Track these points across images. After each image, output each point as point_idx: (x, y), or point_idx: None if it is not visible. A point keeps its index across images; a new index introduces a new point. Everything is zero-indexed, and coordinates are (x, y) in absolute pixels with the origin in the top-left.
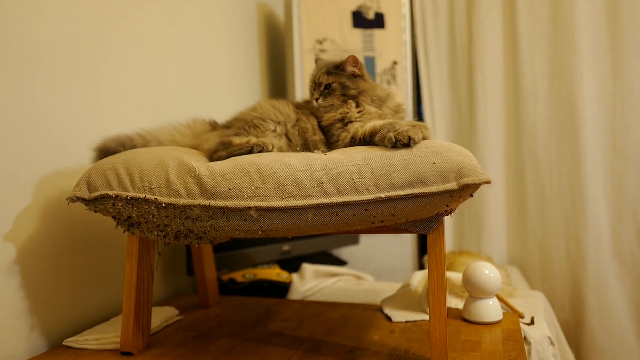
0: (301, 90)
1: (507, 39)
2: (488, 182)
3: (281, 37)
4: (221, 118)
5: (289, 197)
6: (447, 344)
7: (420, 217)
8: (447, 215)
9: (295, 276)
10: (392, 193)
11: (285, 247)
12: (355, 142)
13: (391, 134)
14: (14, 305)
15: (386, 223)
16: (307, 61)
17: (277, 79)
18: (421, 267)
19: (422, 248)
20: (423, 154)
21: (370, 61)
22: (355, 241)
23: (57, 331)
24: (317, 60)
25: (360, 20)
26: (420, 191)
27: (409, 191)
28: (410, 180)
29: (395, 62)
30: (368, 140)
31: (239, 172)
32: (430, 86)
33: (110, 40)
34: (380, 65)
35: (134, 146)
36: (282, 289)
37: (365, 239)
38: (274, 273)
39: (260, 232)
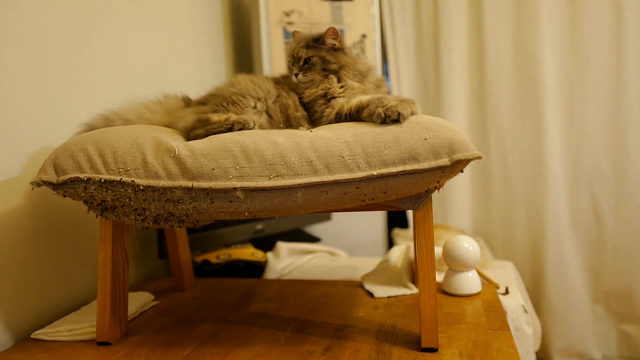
0: (269, 64)
1: (472, 14)
2: (479, 158)
3: (245, 9)
4: (185, 93)
5: (276, 176)
6: (437, 318)
7: (410, 193)
8: (436, 190)
9: (270, 255)
10: (384, 170)
11: (259, 226)
12: (340, 118)
13: (380, 110)
14: None
15: (377, 201)
16: (274, 34)
17: (242, 52)
18: (390, 240)
19: (391, 223)
20: (414, 129)
21: None
22: (327, 218)
23: (23, 324)
24: (294, 33)
25: None
26: (412, 168)
27: (401, 168)
28: (402, 157)
29: (364, 36)
30: (354, 116)
31: (222, 152)
32: (397, 61)
33: (73, 13)
34: (349, 39)
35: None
36: (258, 268)
37: (337, 215)
38: (249, 253)
39: (246, 214)
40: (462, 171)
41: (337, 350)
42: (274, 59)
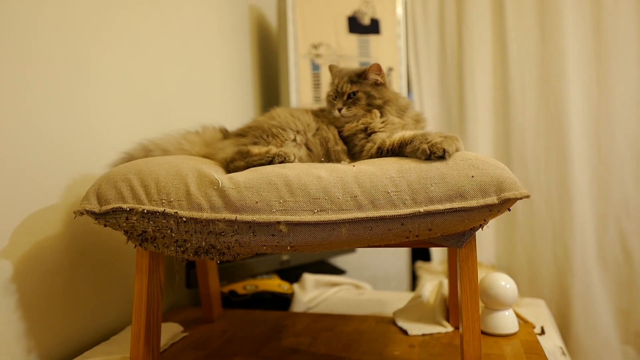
0: (296, 95)
1: (496, 48)
2: (528, 197)
3: (273, 41)
4: (214, 123)
5: (320, 211)
6: None
7: (455, 231)
8: (480, 228)
9: (296, 287)
10: (431, 207)
11: (285, 257)
12: (382, 153)
13: (425, 146)
14: (10, 327)
15: (421, 238)
16: (302, 66)
17: (270, 84)
18: (413, 273)
19: (415, 255)
20: (460, 167)
21: None
22: (352, 249)
23: (55, 354)
24: (331, 67)
25: (355, 25)
26: (460, 205)
27: (448, 205)
28: (449, 194)
29: (390, 69)
30: (397, 151)
31: (265, 185)
32: (421, 93)
33: (105, 42)
34: None
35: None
36: (284, 300)
37: None
38: (275, 284)
39: (289, 248)
40: (509, 210)
41: None
42: (301, 90)
